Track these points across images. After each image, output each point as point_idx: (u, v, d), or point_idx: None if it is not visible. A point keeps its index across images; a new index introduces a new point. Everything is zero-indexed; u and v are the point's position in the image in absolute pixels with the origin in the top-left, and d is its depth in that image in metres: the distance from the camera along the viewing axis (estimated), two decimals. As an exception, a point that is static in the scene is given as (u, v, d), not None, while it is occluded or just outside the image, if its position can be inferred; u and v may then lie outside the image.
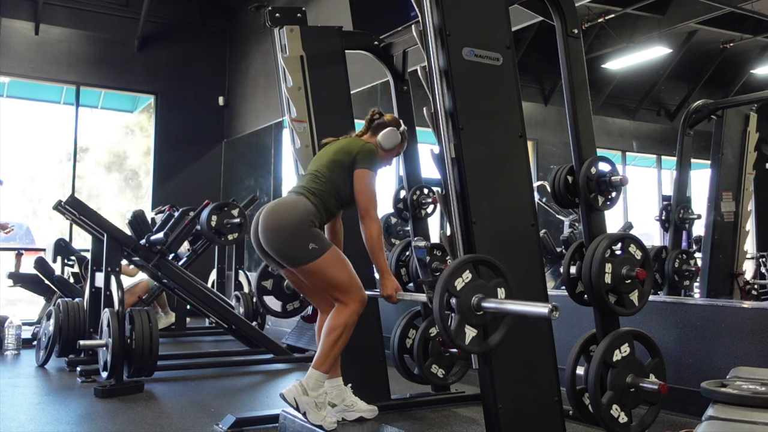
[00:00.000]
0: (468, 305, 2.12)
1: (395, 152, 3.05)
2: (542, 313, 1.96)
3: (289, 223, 2.69)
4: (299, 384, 2.72)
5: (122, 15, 8.53)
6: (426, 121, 2.45)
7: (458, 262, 2.15)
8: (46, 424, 3.29)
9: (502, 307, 2.12)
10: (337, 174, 2.83)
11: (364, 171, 2.81)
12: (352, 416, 2.88)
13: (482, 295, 2.13)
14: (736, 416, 1.96)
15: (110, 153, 11.40)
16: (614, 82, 8.76)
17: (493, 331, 2.18)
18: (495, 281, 2.19)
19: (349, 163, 2.83)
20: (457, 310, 2.11)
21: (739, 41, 7.82)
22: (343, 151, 2.87)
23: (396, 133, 2.98)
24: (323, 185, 2.82)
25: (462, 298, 2.11)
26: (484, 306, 2.12)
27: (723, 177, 5.07)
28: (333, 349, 2.73)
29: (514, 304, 2.11)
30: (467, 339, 2.12)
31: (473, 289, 2.13)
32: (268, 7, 3.62)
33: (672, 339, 3.48)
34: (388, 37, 3.77)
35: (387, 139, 2.96)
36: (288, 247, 2.69)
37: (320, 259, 2.68)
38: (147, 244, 4.86)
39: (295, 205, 2.74)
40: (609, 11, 7.10)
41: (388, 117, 3.05)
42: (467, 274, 2.13)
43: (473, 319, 2.13)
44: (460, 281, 2.12)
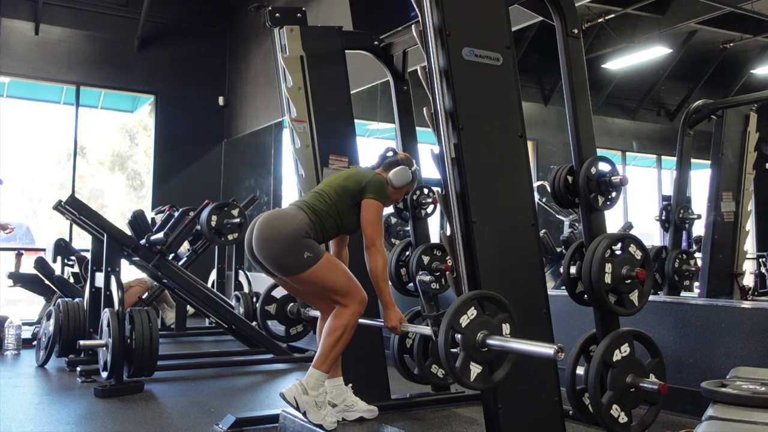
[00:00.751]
0: (473, 342, 2.11)
1: (405, 191, 3.07)
2: (548, 354, 1.96)
3: (283, 234, 2.69)
4: (299, 383, 2.72)
5: (122, 15, 8.54)
6: (426, 121, 2.45)
7: (463, 299, 2.14)
8: (46, 424, 3.29)
9: (506, 346, 2.12)
10: (343, 200, 2.84)
11: (372, 201, 2.82)
12: (352, 416, 2.89)
13: (487, 332, 2.13)
14: (736, 416, 1.96)
15: (112, 153, 11.41)
16: (614, 82, 8.76)
17: (498, 367, 2.17)
18: (500, 317, 2.18)
19: (357, 192, 2.84)
20: (462, 347, 2.11)
21: (739, 41, 7.82)
22: (353, 179, 2.88)
23: (407, 172, 2.98)
24: (326, 206, 2.82)
25: (467, 335, 2.11)
26: (489, 343, 2.11)
27: (723, 177, 5.07)
28: (333, 349, 2.73)
29: (519, 343, 2.10)
30: (472, 376, 2.12)
31: (478, 326, 2.12)
32: (268, 7, 3.62)
33: (672, 339, 3.48)
34: (388, 37, 3.77)
35: (398, 177, 2.97)
36: (282, 257, 2.70)
37: (315, 267, 2.68)
38: (147, 244, 4.86)
39: (292, 218, 2.75)
40: (609, 11, 7.10)
41: (401, 156, 3.06)
42: (472, 310, 2.13)
43: (478, 356, 2.12)
44: (465, 318, 2.11)
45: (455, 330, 2.10)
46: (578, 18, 2.84)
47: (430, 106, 2.42)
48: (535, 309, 2.44)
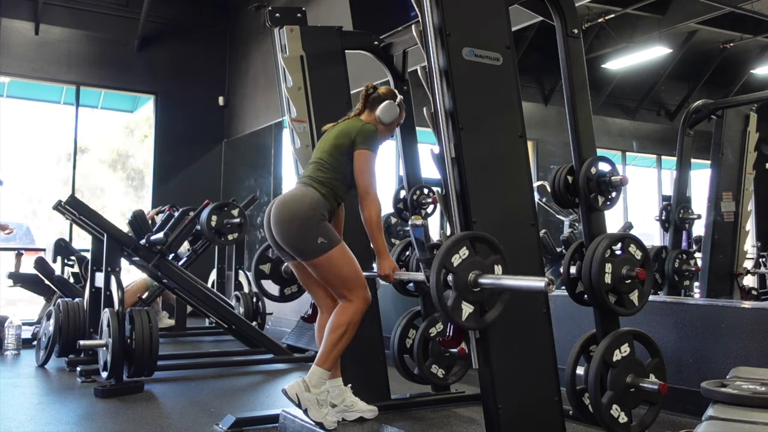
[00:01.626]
0: (465, 281, 2.12)
1: (395, 125, 3.05)
2: (539, 287, 1.97)
3: (298, 215, 2.71)
4: (302, 381, 2.72)
5: (122, 15, 8.53)
6: (426, 121, 2.45)
7: (455, 238, 2.16)
8: (46, 424, 3.29)
9: (499, 283, 2.13)
10: (340, 159, 2.84)
11: (362, 152, 2.81)
12: (352, 416, 2.88)
13: (479, 272, 2.14)
14: (736, 416, 1.96)
15: (113, 152, 11.41)
16: (614, 82, 8.77)
17: (491, 308, 2.18)
18: (492, 258, 2.19)
19: (348, 146, 2.83)
20: (454, 287, 2.12)
21: (739, 41, 7.83)
22: (342, 135, 2.87)
23: (394, 105, 2.97)
24: (328, 172, 2.82)
25: (459, 275, 2.12)
26: (481, 282, 2.13)
27: (723, 177, 5.08)
28: (336, 346, 2.73)
29: (511, 279, 2.12)
30: (464, 315, 2.13)
31: (470, 265, 2.14)
32: (268, 7, 3.62)
33: (672, 339, 3.48)
34: (388, 37, 3.77)
35: (386, 113, 2.95)
36: (298, 240, 2.71)
37: (328, 254, 2.69)
38: (147, 244, 4.86)
39: (303, 197, 2.75)
40: (609, 11, 7.11)
41: (383, 90, 3.03)
42: (464, 250, 2.14)
43: (470, 295, 2.13)
44: (457, 257, 2.12)
45: (447, 269, 2.11)
46: (578, 18, 2.84)
47: (430, 106, 2.42)
48: (535, 309, 2.44)
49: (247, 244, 7.44)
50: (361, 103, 3.03)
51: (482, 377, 2.35)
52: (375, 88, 3.02)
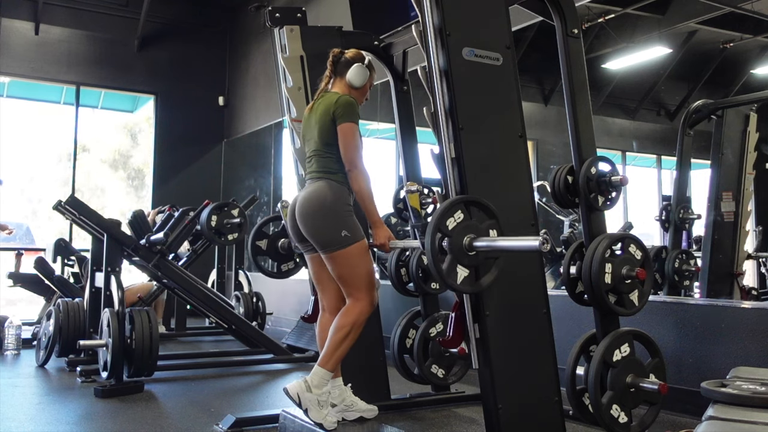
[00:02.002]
0: (460, 245, 2.12)
1: (368, 86, 3.01)
2: (533, 246, 1.97)
3: (324, 206, 2.72)
4: (304, 381, 2.72)
5: (122, 15, 8.53)
6: (426, 121, 2.45)
7: (450, 202, 2.16)
8: (46, 424, 3.29)
9: (494, 245, 2.12)
10: (330, 141, 2.81)
11: (344, 125, 2.78)
12: (352, 416, 2.88)
13: (474, 235, 2.14)
14: (736, 416, 1.96)
15: (114, 152, 11.41)
16: (614, 82, 8.77)
17: (486, 272, 2.18)
18: (487, 222, 2.19)
19: (331, 123, 2.80)
20: (449, 250, 2.11)
21: (739, 41, 7.83)
22: (323, 116, 2.83)
23: (363, 68, 2.93)
24: (329, 160, 2.81)
25: (454, 238, 2.12)
26: (476, 245, 2.12)
27: (723, 177, 5.08)
28: (340, 347, 2.73)
29: (506, 241, 2.12)
30: (459, 279, 2.13)
31: (465, 228, 2.14)
32: (268, 7, 3.62)
33: (672, 339, 3.48)
34: (388, 37, 3.77)
35: (356, 76, 2.91)
36: (322, 231, 2.71)
37: (349, 248, 2.70)
38: (147, 244, 4.86)
39: (323, 189, 2.76)
40: (609, 11, 7.11)
41: (350, 53, 2.97)
42: (459, 214, 2.14)
43: (465, 259, 2.13)
44: (452, 221, 2.12)
45: (442, 232, 2.11)
46: (578, 18, 2.84)
47: (430, 106, 2.42)
48: (535, 309, 2.44)
49: (247, 244, 7.43)
50: (329, 70, 2.97)
51: (482, 377, 2.35)
52: (342, 53, 2.97)
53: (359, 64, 2.93)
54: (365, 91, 3.02)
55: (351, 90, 2.92)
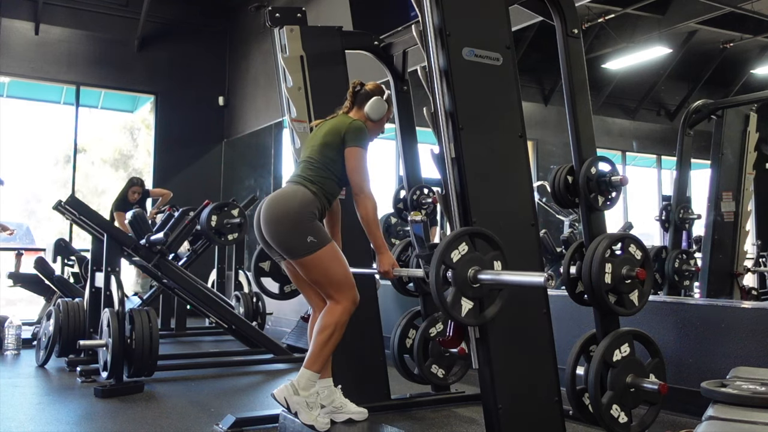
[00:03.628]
0: (464, 277, 2.12)
1: (385, 121, 3.03)
2: (538, 282, 1.97)
3: (288, 214, 2.69)
4: (290, 384, 2.70)
5: (122, 15, 8.53)
6: (426, 121, 2.45)
7: (454, 234, 2.16)
8: (46, 424, 3.29)
9: (498, 279, 2.12)
10: (330, 157, 2.82)
11: (354, 149, 2.79)
12: (340, 418, 2.84)
13: (478, 268, 2.14)
14: (736, 416, 1.96)
15: (114, 152, 11.41)
16: (614, 82, 8.76)
17: (490, 304, 2.18)
18: (491, 254, 2.19)
19: (338, 143, 2.81)
20: (453, 282, 2.11)
21: (739, 41, 7.82)
22: (331, 132, 2.84)
23: (382, 102, 2.95)
24: (318, 170, 2.80)
25: (458, 270, 2.12)
26: (481, 278, 2.12)
27: (723, 177, 5.08)
28: (324, 348, 2.70)
29: (511, 275, 2.12)
30: (463, 311, 2.13)
31: (469, 261, 2.14)
32: (268, 7, 3.62)
33: (672, 339, 3.48)
34: (388, 37, 3.77)
35: (374, 109, 2.94)
36: (287, 239, 2.69)
37: (318, 253, 2.67)
38: (147, 244, 4.86)
39: (294, 196, 2.74)
40: (609, 11, 7.11)
41: (370, 86, 3.00)
42: (463, 246, 2.14)
43: (469, 291, 2.13)
44: (456, 253, 2.12)
45: (446, 265, 2.11)
46: (578, 18, 2.84)
47: (430, 106, 2.42)
48: (535, 309, 2.44)
49: (247, 244, 7.43)
50: (348, 101, 3.00)
51: (482, 377, 2.35)
52: (362, 85, 3.00)
53: (378, 97, 2.96)
54: (382, 125, 3.04)
55: (367, 122, 2.93)
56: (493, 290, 2.18)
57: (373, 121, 2.96)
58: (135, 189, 6.80)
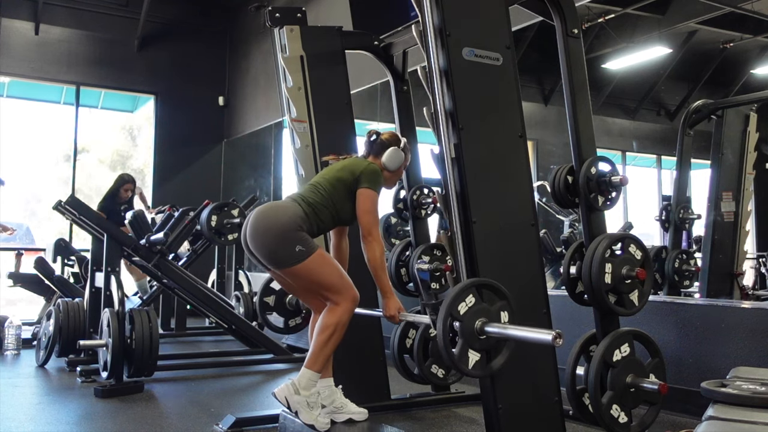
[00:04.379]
0: (471, 330, 2.11)
1: (401, 171, 3.04)
2: (546, 340, 1.96)
3: (275, 226, 2.68)
4: (291, 383, 2.70)
5: (122, 15, 8.54)
6: (426, 121, 2.45)
7: (461, 286, 2.14)
8: (46, 424, 3.29)
9: (505, 333, 2.11)
10: (339, 191, 2.82)
11: (367, 191, 2.79)
12: (341, 418, 2.85)
13: (485, 320, 2.13)
14: (736, 416, 1.96)
15: (114, 152, 11.41)
16: (614, 82, 8.76)
17: (497, 355, 2.17)
18: (498, 304, 2.18)
19: (351, 182, 2.82)
20: (461, 335, 2.10)
21: (739, 41, 7.82)
22: (347, 170, 2.85)
23: (399, 152, 2.95)
24: (321, 198, 2.80)
25: (465, 323, 2.10)
26: (488, 330, 2.11)
27: (723, 177, 5.07)
28: (325, 347, 2.71)
29: (518, 330, 2.10)
30: (470, 363, 2.12)
31: (476, 313, 2.12)
32: (268, 7, 3.62)
33: (672, 339, 3.48)
34: (388, 37, 3.77)
35: (392, 160, 2.94)
36: (274, 250, 2.69)
37: (306, 261, 2.67)
38: (147, 244, 4.86)
39: (285, 210, 2.74)
40: (609, 11, 7.11)
41: (386, 136, 2.99)
42: (470, 298, 2.13)
43: (476, 343, 2.12)
44: (463, 305, 2.11)
45: (453, 317, 2.10)
46: (578, 18, 2.84)
47: (430, 106, 2.42)
48: (535, 309, 2.44)
49: (247, 244, 7.42)
50: (365, 149, 3.00)
51: (482, 377, 2.34)
52: (378, 134, 2.99)
53: (395, 147, 2.95)
54: (399, 175, 3.05)
55: (384, 171, 2.93)
56: (500, 341, 2.17)
57: (390, 171, 2.96)
58: (127, 186, 6.57)
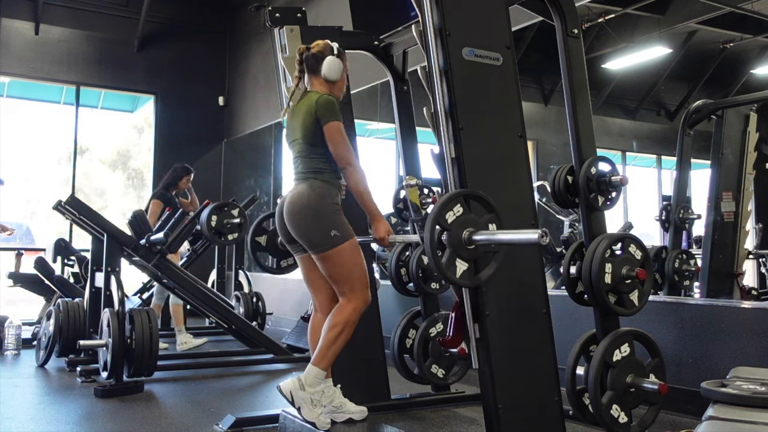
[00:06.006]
0: (459, 238, 2.12)
1: (345, 75, 2.95)
2: (532, 239, 1.96)
3: (311, 206, 2.70)
4: (297, 379, 2.71)
5: (122, 15, 8.53)
6: (426, 121, 2.45)
7: (449, 195, 2.15)
8: (46, 424, 3.29)
9: (493, 238, 2.11)
10: (316, 139, 2.78)
11: (330, 124, 2.74)
12: (340, 417, 2.84)
13: (473, 229, 2.13)
14: (736, 416, 1.96)
15: (114, 152, 11.40)
16: (614, 82, 8.77)
17: (485, 266, 2.17)
18: (486, 216, 2.19)
19: (314, 123, 2.77)
20: (449, 244, 2.11)
21: (739, 41, 7.83)
22: (305, 116, 2.79)
23: (336, 60, 2.87)
24: (315, 160, 2.79)
25: (453, 232, 2.11)
26: (476, 239, 2.12)
27: (723, 177, 5.07)
28: (333, 346, 2.71)
29: (505, 234, 2.11)
30: (458, 272, 2.12)
31: (464, 222, 2.13)
32: (268, 7, 3.62)
33: (672, 339, 3.48)
34: (388, 37, 3.77)
35: (332, 71, 2.86)
36: (311, 231, 2.70)
37: (340, 247, 2.69)
38: (147, 244, 4.86)
39: (310, 189, 2.74)
40: (609, 11, 7.12)
41: (316, 47, 2.89)
42: (458, 208, 2.14)
43: (464, 252, 2.12)
44: (451, 215, 2.12)
45: (441, 226, 2.10)
46: (578, 18, 2.84)
47: (430, 106, 2.42)
48: (535, 309, 2.45)
49: (248, 244, 7.42)
50: (298, 70, 2.89)
51: (482, 377, 2.35)
52: (308, 48, 2.89)
53: (331, 56, 2.87)
54: (343, 83, 2.97)
55: (329, 85, 2.88)
56: (488, 252, 2.17)
57: (334, 82, 2.89)
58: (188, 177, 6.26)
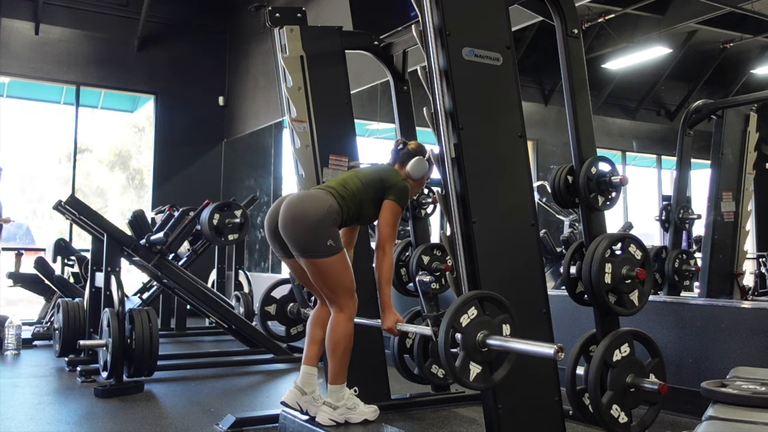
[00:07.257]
0: (473, 342, 2.11)
1: (425, 180, 3.09)
2: (548, 354, 1.96)
3: (314, 215, 2.71)
4: (324, 405, 2.80)
5: (122, 15, 8.54)
6: (426, 121, 2.45)
7: (464, 299, 2.15)
8: (46, 424, 3.29)
9: (507, 345, 2.11)
10: (368, 193, 2.86)
11: (394, 205, 2.83)
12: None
13: (487, 332, 2.13)
14: (736, 416, 1.96)
15: (114, 152, 11.41)
16: (614, 82, 8.76)
17: (498, 367, 2.17)
18: (500, 317, 2.18)
19: (380, 189, 2.86)
20: (462, 347, 2.11)
21: (739, 41, 7.82)
22: (380, 177, 2.89)
23: (423, 162, 3.00)
24: (351, 195, 2.84)
25: (467, 335, 2.11)
26: (489, 343, 2.12)
27: (723, 177, 5.07)
28: (342, 361, 2.80)
29: (519, 343, 2.10)
30: (472, 376, 2.13)
31: (478, 325, 2.13)
32: (268, 7, 3.62)
33: (672, 339, 3.48)
34: (388, 37, 3.77)
35: (416, 169, 2.99)
36: (307, 238, 2.71)
37: (332, 258, 2.71)
38: (147, 244, 4.86)
39: (323, 200, 2.77)
40: (609, 11, 7.11)
41: (413, 145, 3.06)
42: (473, 310, 2.13)
43: (478, 356, 2.13)
44: (465, 317, 2.11)
45: (456, 329, 2.11)
46: (578, 18, 2.84)
47: (430, 106, 2.42)
48: (535, 309, 2.44)
49: (247, 244, 7.44)
50: (391, 157, 3.07)
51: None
52: (405, 144, 3.06)
53: (420, 157, 3.00)
54: (421, 185, 3.14)
55: (408, 179, 2.98)
56: (501, 353, 2.17)
57: (414, 180, 3.02)
58: None
